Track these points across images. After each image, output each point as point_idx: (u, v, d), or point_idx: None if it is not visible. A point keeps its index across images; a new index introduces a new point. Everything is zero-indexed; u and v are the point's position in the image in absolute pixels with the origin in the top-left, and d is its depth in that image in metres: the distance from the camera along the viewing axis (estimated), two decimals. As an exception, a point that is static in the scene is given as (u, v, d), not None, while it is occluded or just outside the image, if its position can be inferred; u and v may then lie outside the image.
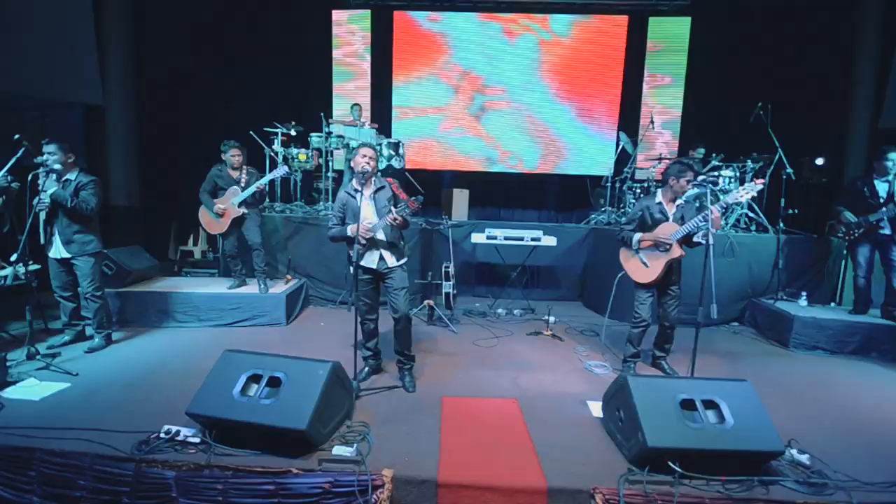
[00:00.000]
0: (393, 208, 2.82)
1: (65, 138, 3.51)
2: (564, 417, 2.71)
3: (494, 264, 5.91)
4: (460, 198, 6.23)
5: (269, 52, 7.28)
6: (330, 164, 5.84)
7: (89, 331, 3.67)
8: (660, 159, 6.08)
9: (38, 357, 3.05)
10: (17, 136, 3.07)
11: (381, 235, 2.95)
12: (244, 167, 4.41)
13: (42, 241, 3.41)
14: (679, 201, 3.22)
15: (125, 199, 7.04)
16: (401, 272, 3.05)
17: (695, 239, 3.02)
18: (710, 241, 2.68)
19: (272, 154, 5.74)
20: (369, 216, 2.94)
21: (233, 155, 4.32)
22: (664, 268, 3.14)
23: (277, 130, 5.68)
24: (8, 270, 2.92)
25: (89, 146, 6.95)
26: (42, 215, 3.36)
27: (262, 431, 2.11)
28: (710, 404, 2.21)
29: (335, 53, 7.58)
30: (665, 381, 2.24)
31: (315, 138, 5.87)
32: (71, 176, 3.41)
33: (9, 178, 3.25)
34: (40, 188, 3.27)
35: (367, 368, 3.21)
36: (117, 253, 4.42)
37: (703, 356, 3.88)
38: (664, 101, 7.42)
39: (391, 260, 3.00)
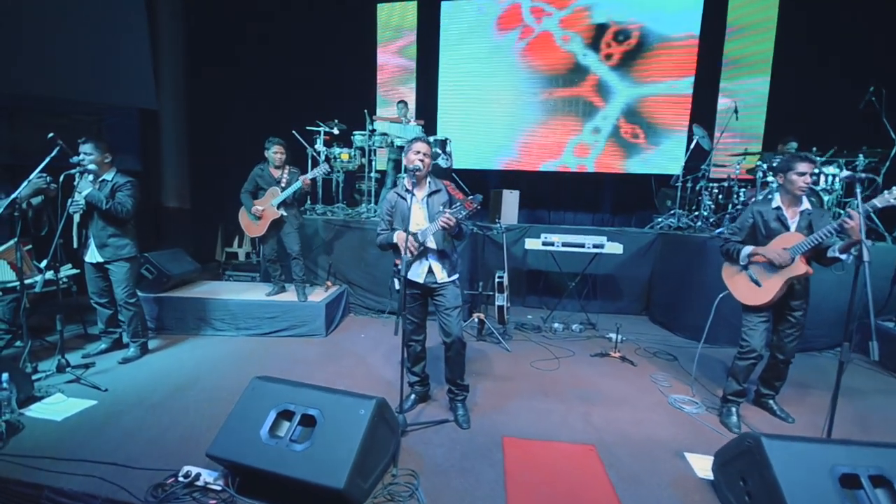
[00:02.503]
0: (447, 209, 2.39)
1: (108, 140, 3.37)
2: (658, 475, 2.16)
3: (548, 272, 5.38)
4: (510, 199, 5.73)
5: (313, 49, 7.14)
6: (373, 163, 5.52)
7: (126, 338, 3.50)
8: (745, 154, 5.30)
9: (67, 370, 2.87)
10: (51, 135, 2.90)
11: (431, 243, 2.54)
12: (286, 166, 4.15)
13: (76, 244, 3.26)
14: (804, 206, 2.57)
15: (177, 201, 7.17)
16: (453, 289, 2.62)
17: (830, 254, 2.37)
18: (866, 258, 2.01)
19: (314, 154, 5.49)
20: (420, 222, 2.54)
21: (275, 152, 4.06)
22: (782, 288, 2.51)
23: (320, 129, 5.42)
24: (37, 277, 2.75)
25: (144, 149, 7.13)
26: (76, 218, 3.21)
27: (293, 485, 1.73)
28: (880, 481, 1.61)
29: (380, 50, 7.29)
30: (815, 447, 1.66)
31: (358, 137, 5.57)
32: (107, 176, 3.24)
33: (47, 178, 3.11)
34: (75, 189, 3.12)
35: (413, 396, 2.80)
36: (158, 256, 4.28)
37: (811, 392, 3.20)
38: (746, 88, 6.54)
39: (441, 274, 2.58)
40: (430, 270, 2.57)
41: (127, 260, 3.31)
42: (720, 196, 5.31)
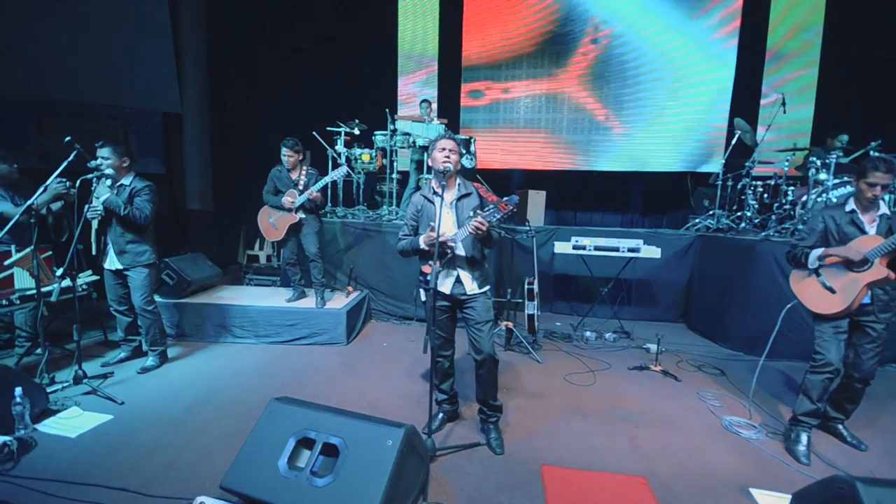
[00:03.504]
0: (479, 212, 2.18)
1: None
2: (722, 515, 1.91)
3: (578, 277, 5.10)
4: (537, 200, 5.47)
5: (333, 48, 7.03)
6: (394, 164, 5.35)
7: (145, 346, 3.41)
8: (794, 150, 4.92)
9: (84, 381, 2.77)
10: (68, 139, 2.82)
11: (460, 250, 2.33)
12: (304, 168, 4.01)
13: (94, 251, 3.18)
14: (881, 210, 2.27)
15: (199, 204, 7.20)
16: (484, 301, 2.40)
17: None
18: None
19: (334, 155, 5.36)
20: (449, 228, 2.33)
21: (284, 155, 3.93)
22: (861, 294, 2.20)
23: (340, 130, 5.28)
24: (54, 286, 2.67)
25: (168, 153, 7.19)
26: (94, 224, 3.12)
27: (313, 525, 1.55)
28: None
29: (401, 46, 7.12)
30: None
31: (379, 137, 5.41)
32: (125, 181, 3.15)
33: (67, 183, 3.03)
34: (92, 194, 3.03)
35: (441, 415, 2.60)
36: (178, 261, 4.21)
37: (883, 411, 2.87)
38: (793, 79, 6.11)
39: (471, 285, 2.37)
40: (459, 280, 2.37)
41: (146, 266, 3.22)
42: (765, 195, 4.95)
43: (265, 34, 7.17)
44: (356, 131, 5.29)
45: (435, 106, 6.53)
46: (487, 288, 2.42)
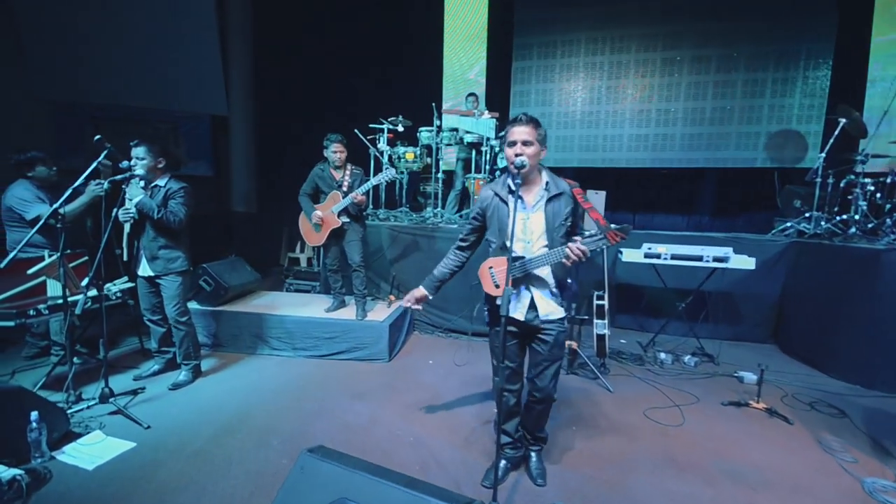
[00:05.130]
0: (578, 239, 1.73)
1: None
2: None
3: (647, 288, 4.50)
4: (596, 201, 4.87)
5: (378, 42, 6.74)
6: (440, 163, 4.95)
7: (179, 359, 3.19)
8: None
9: (111, 401, 2.56)
10: (97, 137, 2.62)
11: (541, 271, 1.89)
12: (349, 167, 3.68)
13: (126, 257, 2.99)
14: None
15: (244, 206, 7.19)
16: (559, 333, 1.97)
17: None
18: None
19: (377, 154, 5.05)
20: (536, 240, 1.89)
21: (334, 151, 3.59)
22: None
23: (383, 127, 4.96)
24: (79, 297, 2.46)
25: (215, 155, 7.23)
26: (126, 227, 2.93)
27: None
28: None
29: (447, 36, 6.72)
30: None
31: (425, 134, 5.05)
32: (160, 182, 2.93)
33: (105, 184, 2.86)
34: (125, 196, 2.83)
35: (504, 462, 2.15)
36: (216, 267, 4.01)
37: None
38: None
39: (548, 311, 1.91)
40: (534, 305, 1.92)
41: (179, 274, 2.99)
42: (877, 195, 4.15)
43: (309, 32, 7.03)
44: (400, 128, 4.95)
45: (482, 100, 6.10)
46: (566, 316, 1.96)
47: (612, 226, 1.67)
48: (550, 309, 1.90)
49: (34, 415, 2.06)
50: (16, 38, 5.60)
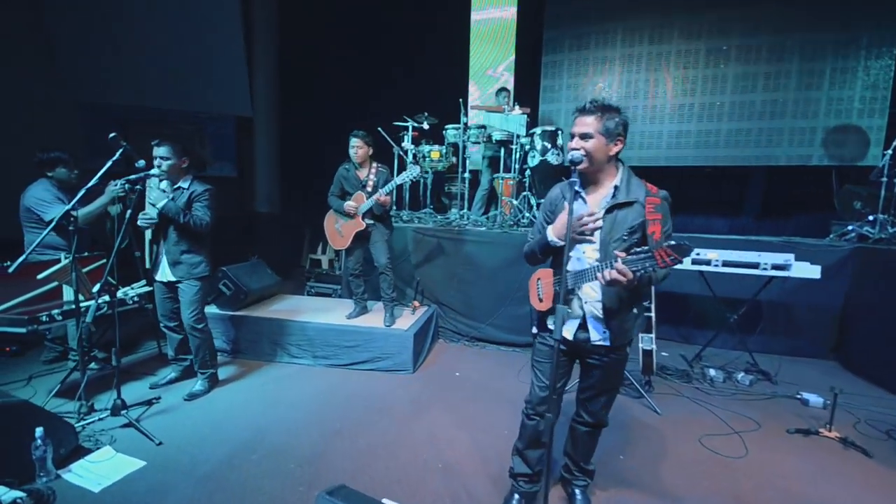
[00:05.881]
0: (619, 254, 1.45)
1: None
2: None
3: (690, 297, 4.15)
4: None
5: (403, 39, 6.57)
6: (466, 162, 4.71)
7: (195, 367, 3.05)
8: None
9: (123, 413, 2.42)
10: (113, 135, 2.49)
11: (593, 289, 1.63)
12: (374, 165, 3.48)
13: (148, 263, 2.86)
14: None
15: (267, 207, 7.16)
16: (616, 363, 1.71)
17: None
18: None
19: (401, 153, 4.85)
20: (589, 251, 1.62)
21: (352, 147, 3.40)
22: None
23: (407, 125, 4.76)
24: (90, 303, 2.34)
25: (240, 156, 7.23)
26: (148, 234, 2.80)
27: None
28: None
29: (473, 31, 6.47)
30: None
31: (451, 132, 4.82)
32: (184, 184, 2.78)
33: (125, 184, 2.73)
34: (147, 199, 2.70)
35: (517, 497, 1.89)
36: (236, 270, 3.88)
37: None
38: None
39: (602, 335, 1.65)
40: (585, 326, 1.66)
41: (199, 279, 2.85)
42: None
43: (333, 31, 6.92)
44: (425, 125, 4.75)
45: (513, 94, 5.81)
46: (627, 342, 1.69)
47: (669, 243, 1.33)
48: (605, 335, 1.63)
49: (39, 431, 1.93)
50: (45, 40, 5.65)
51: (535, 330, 1.84)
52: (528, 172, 4.52)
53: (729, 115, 5.39)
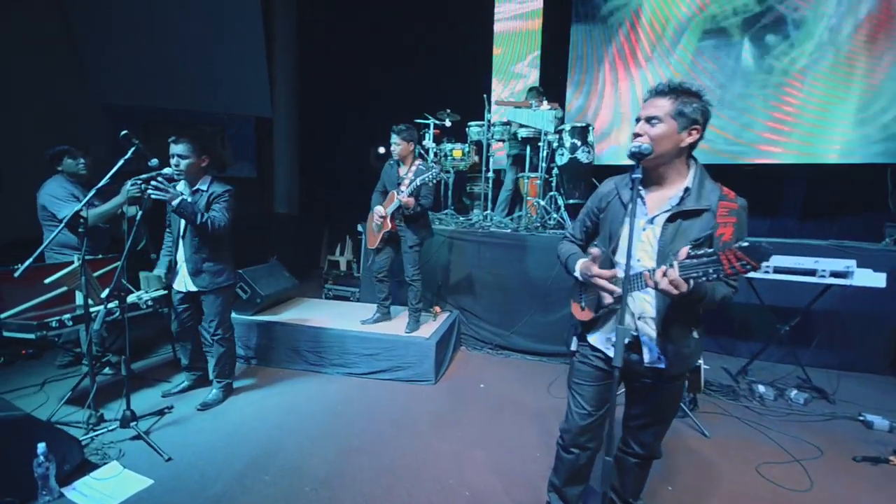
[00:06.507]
0: (676, 258, 1.19)
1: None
2: None
3: (734, 305, 3.84)
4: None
5: (423, 35, 6.39)
6: (490, 160, 4.50)
7: (211, 374, 2.93)
8: None
9: (132, 425, 2.30)
10: (124, 133, 2.37)
11: (649, 304, 1.40)
12: (416, 162, 3.26)
13: (165, 274, 2.73)
14: None
15: (286, 207, 7.11)
16: (671, 390, 1.50)
17: None
18: None
19: (422, 151, 4.67)
20: (644, 259, 1.38)
21: (392, 143, 3.21)
22: None
23: (429, 122, 4.58)
24: (99, 308, 2.22)
25: (259, 157, 7.20)
26: (167, 238, 2.69)
27: None
28: None
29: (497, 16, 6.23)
30: None
31: (474, 129, 4.61)
32: (202, 186, 2.62)
33: (141, 185, 2.62)
34: (167, 201, 2.58)
35: None
36: (252, 273, 3.76)
37: None
38: None
39: (655, 358, 1.42)
40: (633, 346, 1.44)
41: (223, 290, 2.70)
42: None
43: (353, 29, 6.80)
44: (447, 122, 4.56)
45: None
46: (684, 371, 1.47)
47: (740, 244, 1.05)
48: (662, 359, 1.41)
49: (41, 448, 1.81)
50: (70, 43, 5.69)
51: (574, 344, 1.62)
52: (555, 171, 4.28)
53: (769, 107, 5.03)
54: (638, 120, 1.35)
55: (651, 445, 1.60)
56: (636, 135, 1.33)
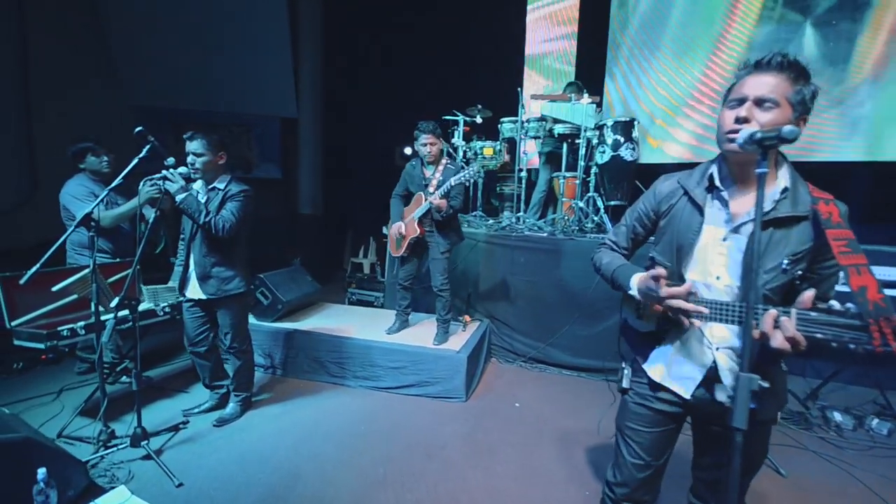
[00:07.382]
0: (807, 299, 0.93)
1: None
2: None
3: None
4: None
5: (452, 28, 6.12)
6: (524, 159, 4.21)
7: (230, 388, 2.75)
8: None
9: (143, 444, 2.14)
10: (139, 129, 2.22)
11: (726, 332, 1.12)
12: (443, 161, 3.01)
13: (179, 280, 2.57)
14: None
15: (310, 208, 7.02)
16: (766, 432, 1.21)
17: None
18: None
19: (450, 150, 4.43)
20: (721, 273, 1.11)
21: (423, 143, 2.95)
22: None
23: (458, 118, 4.33)
24: (108, 316, 2.07)
25: (284, 157, 7.15)
26: (181, 246, 2.53)
27: None
28: None
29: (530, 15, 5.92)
30: None
31: (507, 125, 4.34)
32: (219, 185, 2.44)
33: (161, 185, 2.45)
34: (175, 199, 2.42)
35: None
36: (273, 277, 3.60)
37: None
38: None
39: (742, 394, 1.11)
40: (714, 377, 1.15)
41: (235, 298, 2.49)
42: None
43: (379, 25, 6.63)
44: (478, 119, 4.30)
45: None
46: (778, 411, 1.17)
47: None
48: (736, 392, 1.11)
49: (41, 473, 1.64)
50: (104, 45, 5.72)
51: (626, 381, 1.33)
52: (594, 170, 3.96)
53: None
54: (742, 101, 1.04)
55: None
56: (740, 119, 1.04)
